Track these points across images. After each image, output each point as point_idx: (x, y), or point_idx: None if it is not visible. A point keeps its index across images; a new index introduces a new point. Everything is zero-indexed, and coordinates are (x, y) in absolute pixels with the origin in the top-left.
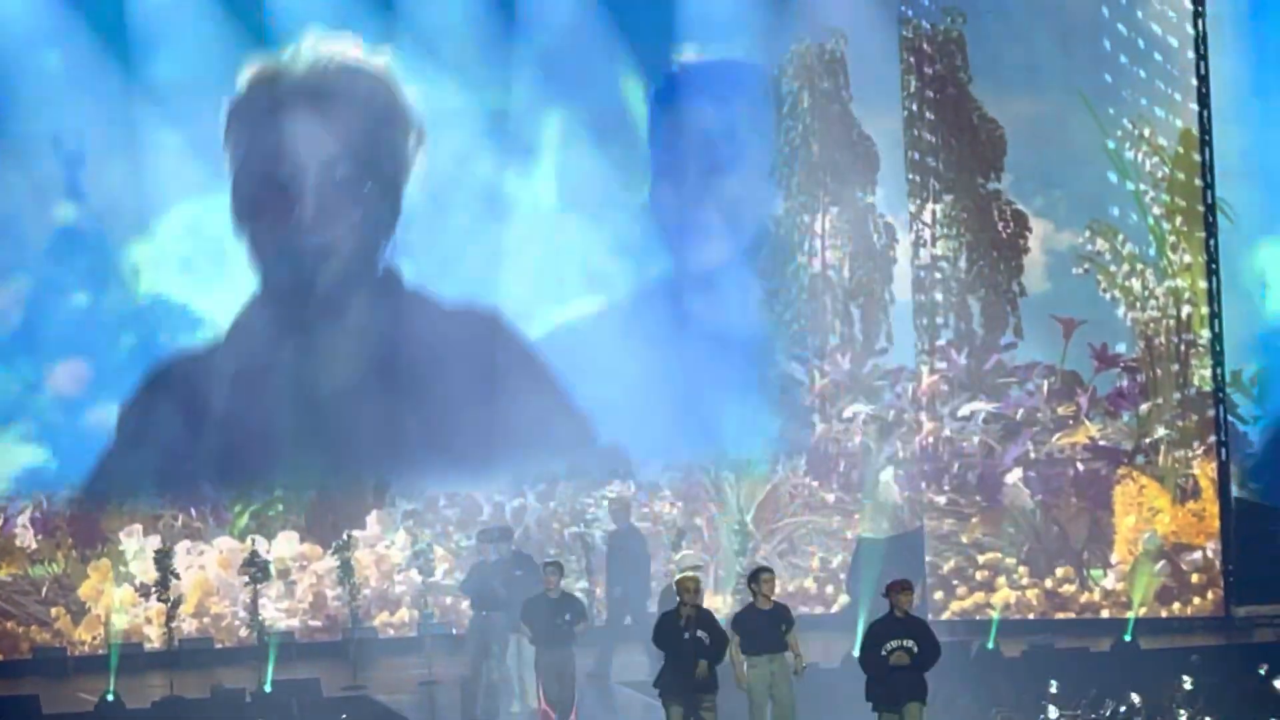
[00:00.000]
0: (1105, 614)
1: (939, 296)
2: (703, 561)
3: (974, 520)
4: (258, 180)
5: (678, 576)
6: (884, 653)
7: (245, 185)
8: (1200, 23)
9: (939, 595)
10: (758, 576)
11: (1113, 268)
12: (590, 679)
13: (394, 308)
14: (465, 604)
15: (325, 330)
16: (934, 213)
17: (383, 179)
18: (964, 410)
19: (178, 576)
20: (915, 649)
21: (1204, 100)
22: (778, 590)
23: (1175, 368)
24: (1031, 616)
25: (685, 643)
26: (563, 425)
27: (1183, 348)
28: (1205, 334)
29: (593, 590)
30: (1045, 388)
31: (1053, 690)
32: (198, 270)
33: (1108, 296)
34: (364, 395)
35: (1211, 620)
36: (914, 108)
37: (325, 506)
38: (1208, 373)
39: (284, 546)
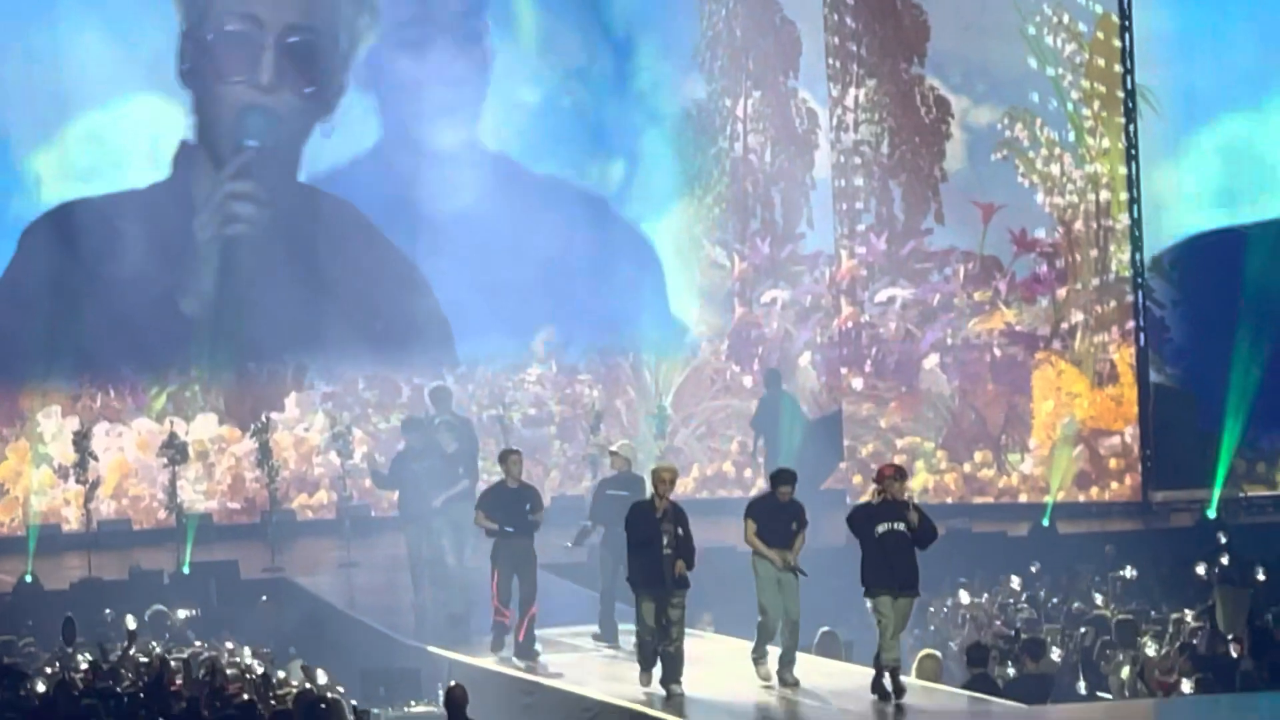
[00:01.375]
0: (1023, 498)
1: (859, 181)
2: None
3: (892, 405)
4: (218, 33)
5: (654, 466)
6: (877, 534)
7: (201, 35)
8: None
9: (857, 479)
10: (781, 476)
11: (1031, 153)
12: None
13: (315, 184)
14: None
15: (248, 206)
16: (856, 98)
17: (336, 55)
18: (882, 295)
19: (96, 458)
20: (908, 532)
21: None
22: (695, 473)
23: (1094, 253)
24: (949, 501)
25: (659, 536)
26: (482, 308)
27: (1101, 233)
28: (1124, 219)
29: None
30: (963, 273)
31: (1034, 569)
32: (102, 177)
33: (1026, 182)
34: (283, 277)
35: (1129, 505)
36: None
37: (244, 389)
38: (1126, 258)
39: (202, 429)
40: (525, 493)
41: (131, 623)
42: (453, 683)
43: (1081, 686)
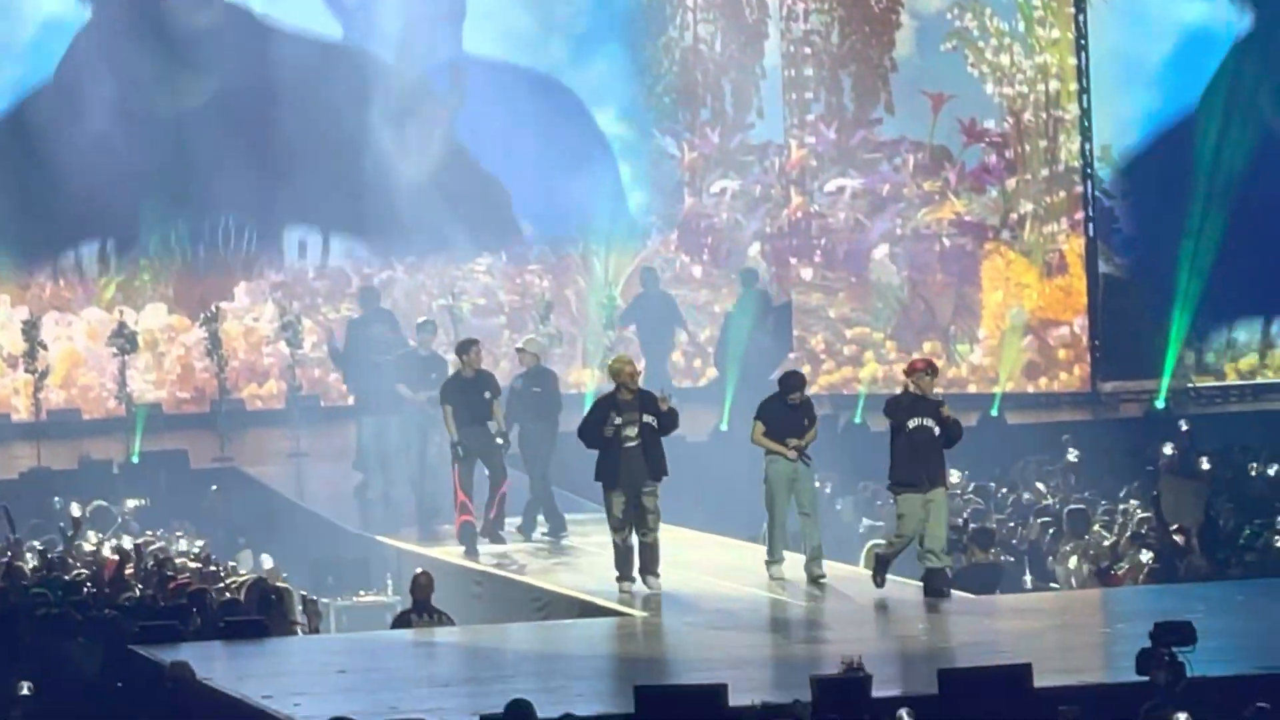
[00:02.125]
0: (972, 389)
1: (809, 71)
2: (557, 334)
3: (841, 295)
4: None
5: (608, 363)
6: (909, 429)
7: None
8: None
9: (807, 369)
10: (790, 381)
11: (981, 43)
12: None
13: (261, 55)
14: (336, 377)
15: (190, 89)
16: None
17: None
18: (832, 185)
19: (45, 347)
20: (936, 429)
21: None
22: (643, 365)
23: (1043, 143)
24: (899, 391)
25: (618, 433)
26: (430, 198)
27: (1051, 123)
28: (1073, 109)
29: None
30: (913, 163)
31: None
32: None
33: (976, 72)
34: (232, 161)
35: (1078, 395)
36: None
37: (193, 278)
38: (1076, 148)
39: (152, 318)
40: (483, 380)
41: (76, 510)
42: (419, 570)
43: (1029, 579)
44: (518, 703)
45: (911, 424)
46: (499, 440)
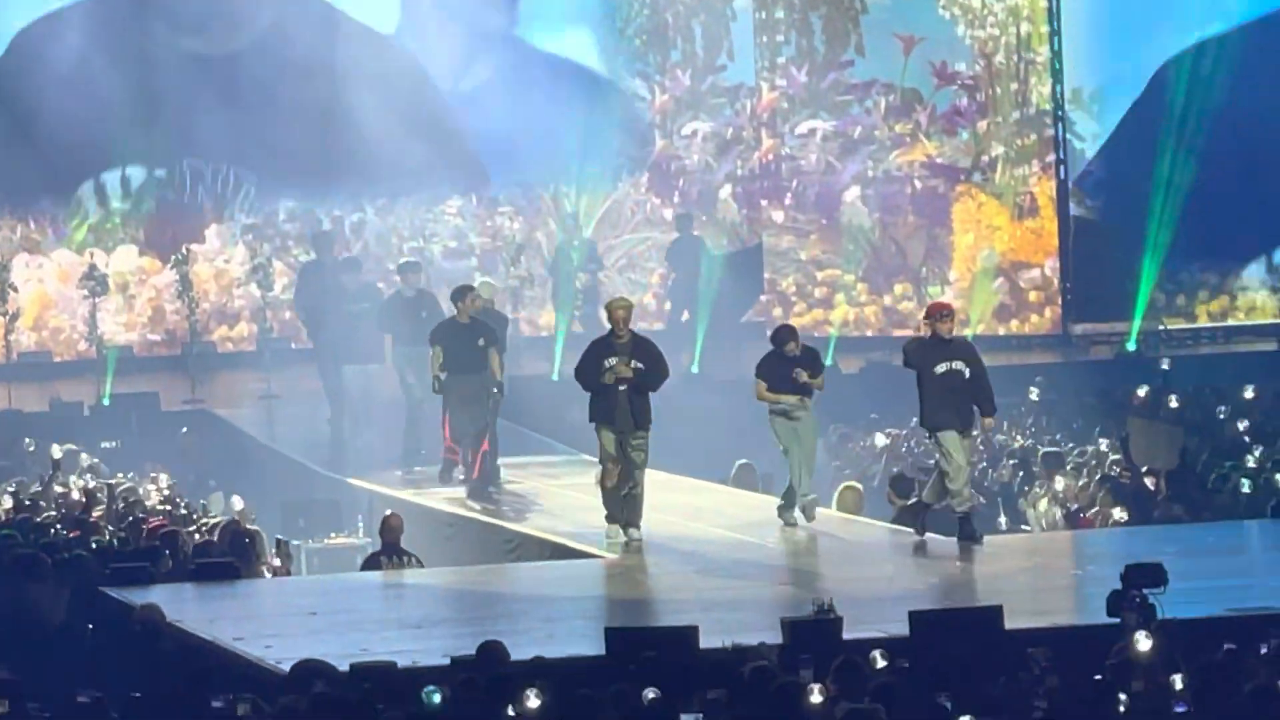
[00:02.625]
0: None
1: (780, 13)
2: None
3: (813, 237)
4: None
5: (607, 303)
6: (938, 373)
7: None
8: None
9: (777, 312)
10: (781, 334)
11: None
12: None
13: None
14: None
15: (162, 33)
16: None
17: None
18: (803, 128)
19: (16, 290)
20: (967, 371)
21: None
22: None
23: (1014, 86)
24: (869, 334)
25: (610, 372)
26: (402, 140)
27: (1022, 66)
28: (1044, 52)
29: None
30: (884, 105)
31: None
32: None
33: (947, 14)
34: (204, 105)
35: (1049, 338)
36: None
37: (164, 220)
38: (1047, 91)
39: (123, 260)
40: (478, 328)
41: (57, 451)
42: (389, 512)
43: (1003, 521)
44: (489, 645)
45: (940, 369)
46: (494, 390)
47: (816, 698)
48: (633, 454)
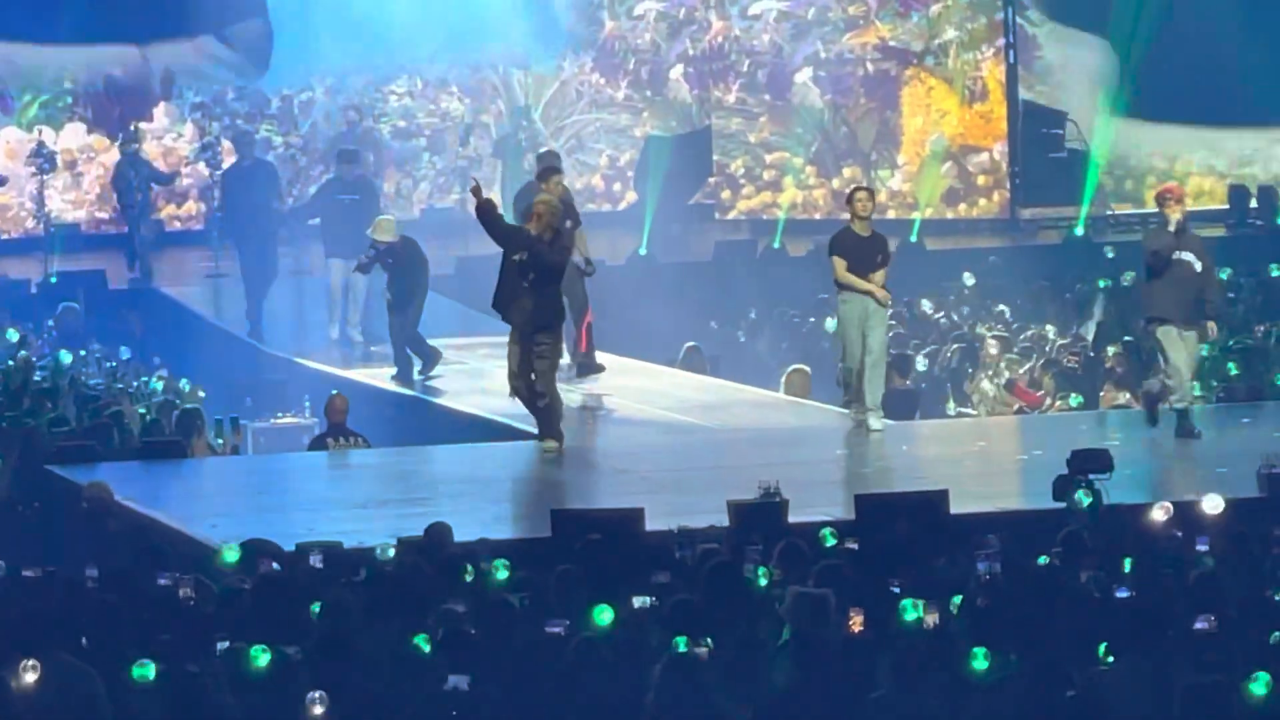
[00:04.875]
0: (891, 215)
1: None
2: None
3: (762, 119)
4: None
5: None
6: (1172, 260)
7: None
8: None
9: (726, 194)
10: (853, 196)
11: None
12: None
13: None
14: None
15: None
16: None
17: None
18: (754, 9)
19: None
20: (1198, 265)
21: None
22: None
23: None
24: (818, 216)
25: (518, 265)
26: (350, 20)
27: None
28: None
29: (381, 184)
30: None
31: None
32: None
33: None
34: None
35: (997, 222)
36: None
37: (112, 98)
38: None
39: (71, 137)
40: (566, 211)
41: (14, 335)
42: (334, 391)
43: (951, 407)
44: (435, 526)
45: (1174, 257)
46: (583, 268)
47: (762, 581)
48: (536, 362)
